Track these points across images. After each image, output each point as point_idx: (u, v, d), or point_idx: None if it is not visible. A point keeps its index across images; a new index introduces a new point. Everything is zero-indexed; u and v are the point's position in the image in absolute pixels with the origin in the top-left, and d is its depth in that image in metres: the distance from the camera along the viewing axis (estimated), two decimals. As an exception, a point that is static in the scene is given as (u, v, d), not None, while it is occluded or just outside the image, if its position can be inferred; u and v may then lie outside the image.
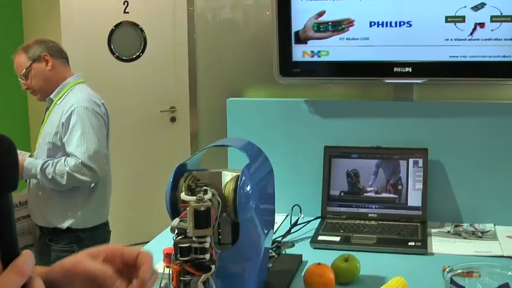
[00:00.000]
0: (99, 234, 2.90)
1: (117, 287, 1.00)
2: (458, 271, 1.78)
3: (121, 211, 5.16)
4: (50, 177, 2.73)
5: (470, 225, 2.40)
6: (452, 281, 1.72)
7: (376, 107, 2.50)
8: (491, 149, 2.40)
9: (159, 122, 5.43)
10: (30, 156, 2.91)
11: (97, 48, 5.19)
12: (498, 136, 2.39)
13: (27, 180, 2.93)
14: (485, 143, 2.40)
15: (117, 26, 5.25)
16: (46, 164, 2.75)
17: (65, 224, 2.82)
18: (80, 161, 2.69)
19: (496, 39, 2.26)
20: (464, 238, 2.26)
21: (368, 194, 2.43)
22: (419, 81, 2.41)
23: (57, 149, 2.83)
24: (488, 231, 2.33)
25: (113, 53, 5.29)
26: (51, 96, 2.95)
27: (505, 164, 2.39)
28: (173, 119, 5.47)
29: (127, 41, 5.33)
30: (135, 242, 5.22)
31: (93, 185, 2.82)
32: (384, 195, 2.42)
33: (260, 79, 2.70)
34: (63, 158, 2.75)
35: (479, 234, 2.30)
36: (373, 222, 2.36)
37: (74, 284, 1.00)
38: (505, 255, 2.10)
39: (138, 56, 5.40)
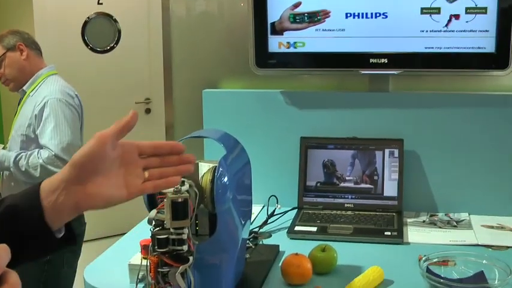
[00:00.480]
0: (73, 227, 2.87)
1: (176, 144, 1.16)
2: (434, 260, 1.81)
3: (96, 203, 5.13)
4: (23, 169, 2.70)
5: (445, 214, 2.42)
6: (428, 270, 1.73)
7: (352, 98, 2.51)
8: (466, 140, 2.42)
9: (133, 113, 5.40)
10: (3, 148, 2.88)
11: (71, 40, 5.15)
12: (473, 127, 2.41)
13: (1, 172, 2.90)
14: (460, 134, 2.42)
15: (90, 17, 5.21)
16: (19, 157, 2.72)
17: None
18: (54, 153, 2.67)
19: (471, 30, 2.28)
20: (440, 227, 2.28)
21: (344, 185, 2.44)
22: (395, 72, 2.42)
23: (31, 141, 2.80)
24: (463, 220, 2.35)
25: (86, 44, 5.25)
26: (24, 87, 2.92)
27: (479, 154, 2.41)
28: (148, 111, 5.45)
29: (101, 32, 5.30)
30: (112, 234, 5.21)
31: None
32: (360, 185, 2.43)
33: (236, 70, 2.69)
34: (37, 150, 2.73)
35: (454, 223, 2.32)
36: (349, 213, 2.37)
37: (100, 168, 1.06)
38: (479, 243, 2.12)
39: (112, 48, 5.36)
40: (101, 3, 5.23)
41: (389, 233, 2.18)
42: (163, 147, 1.16)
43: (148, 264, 1.47)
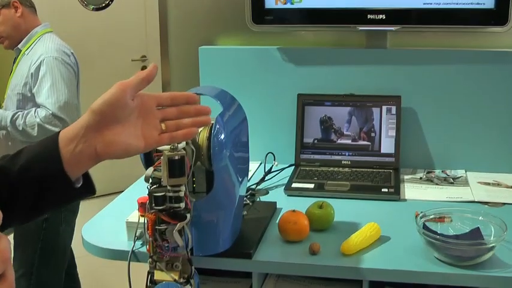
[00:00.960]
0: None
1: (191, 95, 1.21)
2: (431, 216, 1.81)
3: (93, 162, 5.13)
4: (20, 128, 2.69)
5: (442, 171, 2.43)
6: (424, 226, 1.74)
7: (350, 55, 2.49)
8: (463, 97, 2.41)
9: (130, 71, 5.36)
10: (-1, 108, 2.87)
11: (65, -3, 5.08)
12: (471, 83, 2.39)
13: (-3, 132, 2.89)
14: (458, 91, 2.41)
15: (85, -27, 5.14)
16: (16, 116, 2.71)
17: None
18: (51, 112, 2.65)
19: (470, -15, 2.25)
20: (436, 184, 2.29)
21: (341, 142, 2.44)
22: (392, 28, 2.39)
23: (27, 100, 2.78)
24: (460, 177, 2.36)
25: (81, 1, 5.18)
26: (19, 46, 2.90)
27: (477, 111, 2.41)
28: (144, 68, 5.42)
29: (96, -12, 5.23)
30: (109, 192, 5.21)
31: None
32: (357, 142, 2.43)
33: (232, 27, 2.66)
34: (34, 109, 2.71)
35: (451, 180, 2.32)
36: (346, 169, 2.37)
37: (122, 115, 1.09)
38: (476, 200, 2.13)
39: (108, 4, 5.28)
40: (96, -41, 5.16)
41: (386, 190, 2.18)
42: (179, 97, 1.19)
43: (145, 221, 1.48)
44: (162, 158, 1.42)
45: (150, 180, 1.46)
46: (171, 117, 1.17)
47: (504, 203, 2.10)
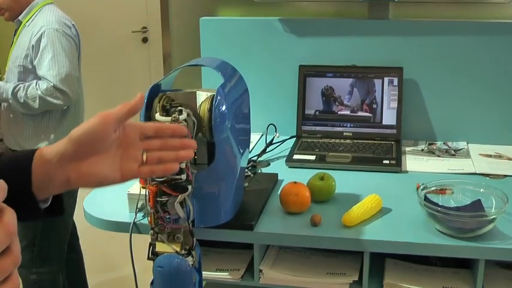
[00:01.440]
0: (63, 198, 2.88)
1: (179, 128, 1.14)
2: (432, 188, 1.81)
3: (95, 133, 5.13)
4: (21, 101, 2.68)
5: (443, 143, 2.42)
6: (426, 198, 1.74)
7: (351, 26, 2.47)
8: (465, 68, 2.40)
9: (130, 42, 5.34)
10: (0, 80, 2.85)
11: (65, -33, 5.04)
12: (473, 55, 2.38)
13: (-1, 104, 2.88)
14: (460, 62, 2.40)
15: None
16: (17, 88, 2.70)
17: (38, 147, 2.79)
18: (52, 84, 2.64)
19: (473, -45, 2.23)
20: (438, 156, 2.29)
21: (343, 113, 2.43)
22: (395, -2, 2.38)
23: (28, 72, 2.77)
24: (461, 149, 2.36)
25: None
26: (20, 17, 2.87)
27: (479, 83, 2.40)
28: (145, 40, 5.38)
29: (96, -41, 5.19)
30: (110, 164, 5.22)
31: (65, 108, 2.79)
32: (359, 114, 2.42)
33: (234, -3, 2.65)
34: (35, 81, 2.70)
35: (453, 152, 2.32)
36: (348, 141, 2.37)
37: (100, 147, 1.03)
38: (477, 172, 2.13)
39: (108, -25, 5.26)
40: None
41: (387, 162, 2.18)
42: (165, 129, 1.13)
43: (147, 193, 1.47)
44: (163, 129, 1.41)
45: (151, 152, 1.45)
46: (154, 148, 1.10)
47: (505, 175, 2.10)
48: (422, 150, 2.35)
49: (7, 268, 0.66)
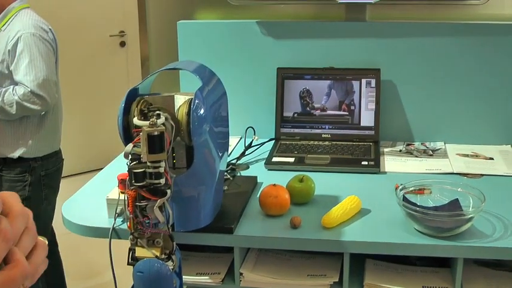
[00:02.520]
0: (51, 162, 2.86)
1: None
2: (410, 188, 1.82)
3: (73, 139, 5.11)
4: (-2, 106, 2.66)
5: (421, 143, 2.44)
6: (404, 198, 1.75)
7: (329, 28, 2.48)
8: (442, 69, 2.41)
9: (108, 46, 5.33)
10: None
11: (41, -28, 5.02)
12: (449, 56, 2.40)
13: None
14: (436, 63, 2.41)
15: None
16: (-6, 93, 2.68)
17: (16, 153, 2.77)
18: (29, 89, 2.62)
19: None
20: (416, 156, 2.30)
21: (321, 115, 2.44)
22: (371, 1, 2.39)
23: (5, 78, 2.75)
24: (439, 149, 2.37)
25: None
26: (-5, 22, 2.85)
27: (455, 83, 2.42)
28: (123, 44, 5.37)
29: (72, -37, 5.16)
30: (89, 169, 5.20)
31: (43, 113, 2.77)
32: (337, 115, 2.43)
33: (211, 0, 2.65)
34: (12, 87, 2.68)
35: (430, 152, 2.34)
36: (326, 143, 2.38)
37: None
38: (454, 172, 2.14)
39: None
40: None
41: (366, 163, 2.19)
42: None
43: (126, 198, 1.47)
44: (141, 134, 1.41)
45: (130, 157, 1.45)
46: None
47: (482, 174, 2.12)
48: (400, 151, 2.37)
49: (15, 279, 0.64)
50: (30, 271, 0.66)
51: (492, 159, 2.27)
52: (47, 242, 0.73)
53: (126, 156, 1.46)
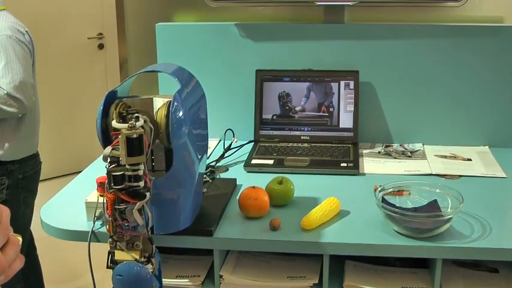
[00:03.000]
0: (29, 165, 2.84)
1: None
2: (389, 190, 1.83)
3: (52, 142, 5.08)
4: (-25, 109, 2.64)
5: (400, 145, 2.45)
6: (383, 200, 1.76)
7: (307, 30, 2.49)
8: (420, 71, 2.43)
9: (86, 49, 5.30)
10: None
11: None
12: (427, 58, 2.41)
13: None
14: (414, 65, 2.43)
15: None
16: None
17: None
18: (6, 92, 2.60)
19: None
20: (395, 158, 2.31)
21: (300, 117, 2.44)
22: (350, 3, 2.40)
23: (-19, 80, 2.73)
24: (417, 150, 2.39)
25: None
26: (-29, 24, 2.83)
27: (433, 85, 2.43)
28: (101, 46, 5.35)
29: (49, -35, 5.13)
30: (67, 172, 5.17)
31: (21, 115, 2.75)
32: (316, 117, 2.43)
33: (189, 3, 2.64)
34: (-12, 89, 2.66)
35: (409, 153, 2.35)
36: (305, 145, 2.38)
37: None
38: (433, 173, 2.15)
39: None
40: None
41: (345, 164, 2.20)
42: None
43: (105, 201, 1.46)
44: (120, 136, 1.40)
45: (109, 160, 1.44)
46: None
47: (460, 175, 2.13)
48: (379, 152, 2.38)
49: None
50: (3, 265, 0.66)
51: (470, 160, 2.28)
52: (21, 240, 0.73)
53: (104, 159, 1.45)
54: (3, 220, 0.69)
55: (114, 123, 1.50)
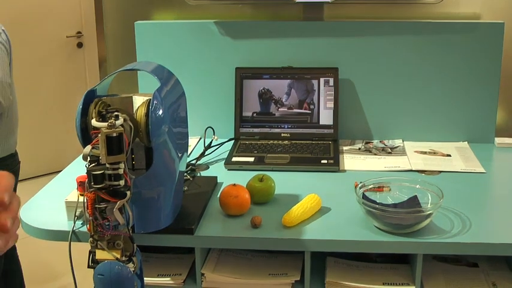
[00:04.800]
0: (7, 165, 2.82)
1: None
2: (370, 186, 1.84)
3: (31, 141, 5.04)
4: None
5: (380, 141, 2.46)
6: (364, 196, 1.77)
7: (287, 27, 2.49)
8: (399, 67, 2.44)
9: (65, 48, 5.26)
10: None
11: (-5, -28, 4.94)
12: (406, 54, 2.43)
13: None
14: (394, 62, 2.44)
15: None
16: None
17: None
18: (-17, 91, 2.58)
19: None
20: (375, 154, 2.32)
21: (280, 114, 2.45)
22: (328, 0, 2.40)
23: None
24: (397, 147, 2.40)
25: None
26: None
27: (412, 81, 2.44)
28: (80, 45, 5.31)
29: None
30: (47, 171, 5.14)
31: (-2, 115, 2.73)
32: (296, 114, 2.44)
33: (168, 1, 2.64)
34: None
35: (389, 150, 2.36)
36: (286, 142, 2.38)
37: None
38: (413, 169, 2.17)
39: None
40: None
41: (325, 161, 2.20)
42: None
43: (85, 200, 1.45)
44: (99, 135, 1.40)
45: (89, 159, 1.43)
46: None
47: (440, 171, 2.15)
48: (359, 149, 2.39)
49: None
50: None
51: (449, 155, 2.30)
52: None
53: (84, 158, 1.44)
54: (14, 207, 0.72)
55: (94, 122, 1.49)
